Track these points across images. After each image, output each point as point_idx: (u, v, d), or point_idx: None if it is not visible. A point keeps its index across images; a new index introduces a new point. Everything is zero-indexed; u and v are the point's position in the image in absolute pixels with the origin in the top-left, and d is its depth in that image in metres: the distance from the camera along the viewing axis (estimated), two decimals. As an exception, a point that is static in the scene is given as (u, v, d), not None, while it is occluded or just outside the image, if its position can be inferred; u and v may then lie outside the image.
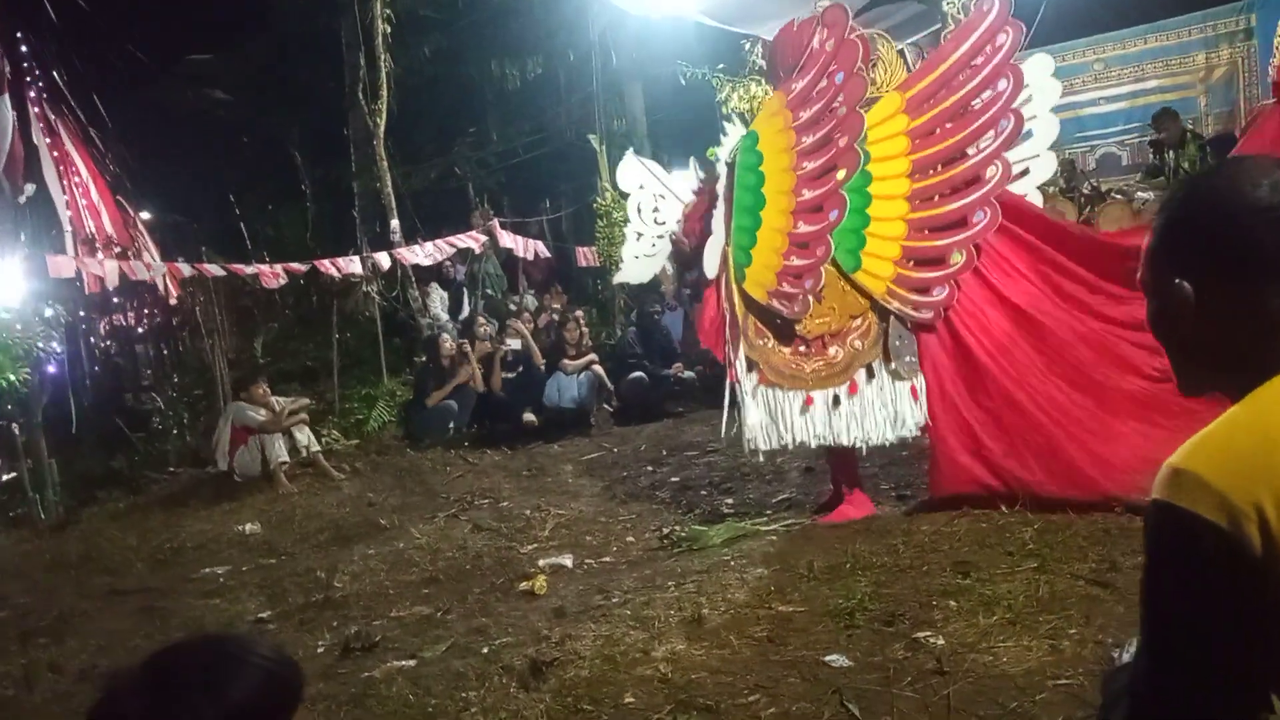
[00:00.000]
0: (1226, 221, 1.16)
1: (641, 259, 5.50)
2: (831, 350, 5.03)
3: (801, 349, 5.06)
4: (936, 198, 4.89)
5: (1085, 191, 9.32)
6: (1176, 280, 1.18)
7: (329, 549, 6.04)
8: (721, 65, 6.51)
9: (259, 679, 1.25)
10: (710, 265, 5.15)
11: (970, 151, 4.82)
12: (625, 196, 5.44)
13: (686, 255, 5.38)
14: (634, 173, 5.47)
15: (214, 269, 9.73)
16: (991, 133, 4.78)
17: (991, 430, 4.80)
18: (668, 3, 9.66)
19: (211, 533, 6.79)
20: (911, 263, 4.91)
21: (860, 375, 4.99)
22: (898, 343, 4.95)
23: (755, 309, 5.11)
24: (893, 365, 4.96)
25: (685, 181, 5.49)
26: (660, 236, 5.43)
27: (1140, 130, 10.87)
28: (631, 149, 6.39)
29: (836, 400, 5.01)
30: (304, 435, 8.22)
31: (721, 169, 5.19)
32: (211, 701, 1.20)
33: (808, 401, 5.03)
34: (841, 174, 4.88)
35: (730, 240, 5.12)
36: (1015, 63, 4.74)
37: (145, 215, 15.21)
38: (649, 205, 5.45)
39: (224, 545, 6.46)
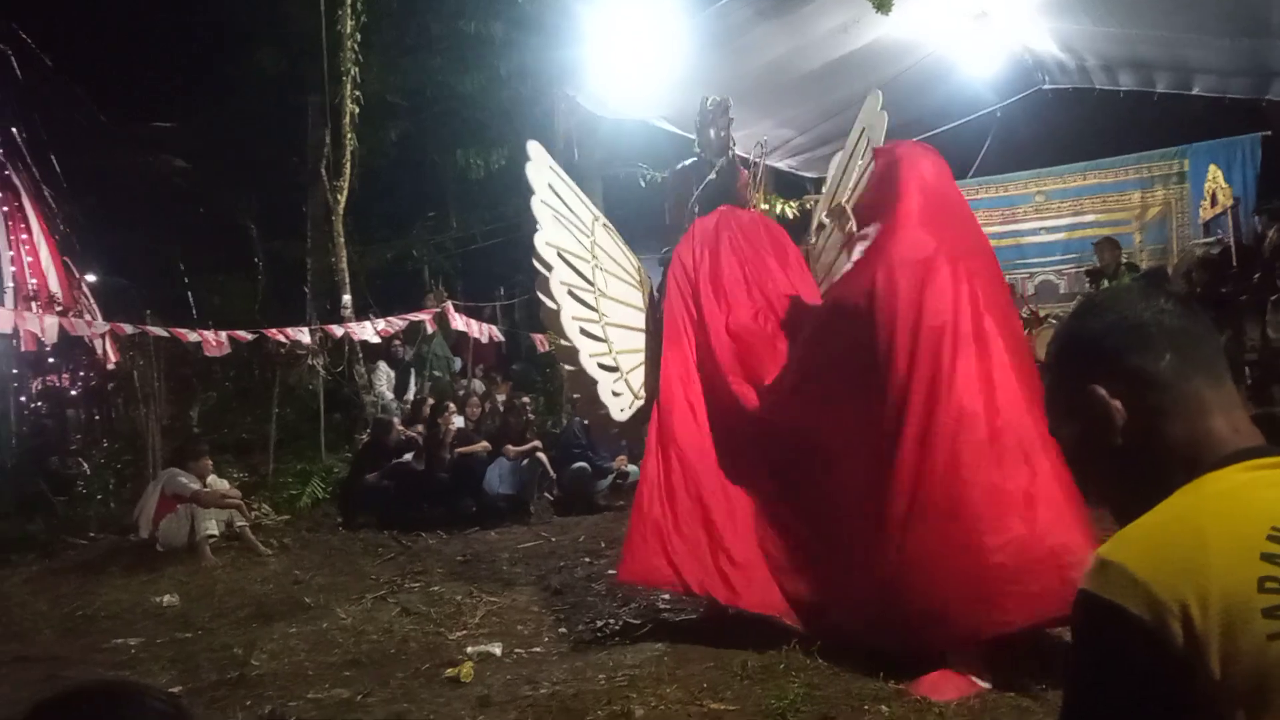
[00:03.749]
0: (1126, 316, 1.21)
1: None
2: None
3: None
4: None
5: (1024, 316, 9.62)
6: (1089, 387, 1.20)
7: (248, 625, 5.82)
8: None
9: None
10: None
11: None
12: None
13: None
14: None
15: (158, 330, 9.57)
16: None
17: (684, 525, 4.84)
18: (635, 109, 9.98)
19: (127, 602, 6.51)
20: None
21: None
22: None
23: None
24: None
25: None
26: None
27: (1078, 260, 11.32)
28: None
29: None
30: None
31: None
32: None
33: None
34: None
35: None
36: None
37: (90, 278, 14.98)
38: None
39: (139, 616, 6.20)
